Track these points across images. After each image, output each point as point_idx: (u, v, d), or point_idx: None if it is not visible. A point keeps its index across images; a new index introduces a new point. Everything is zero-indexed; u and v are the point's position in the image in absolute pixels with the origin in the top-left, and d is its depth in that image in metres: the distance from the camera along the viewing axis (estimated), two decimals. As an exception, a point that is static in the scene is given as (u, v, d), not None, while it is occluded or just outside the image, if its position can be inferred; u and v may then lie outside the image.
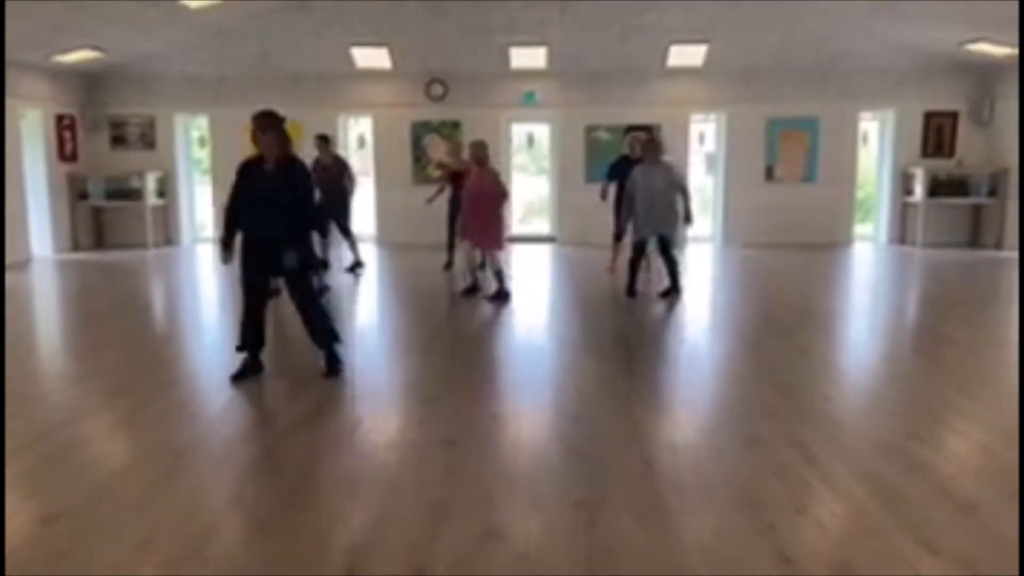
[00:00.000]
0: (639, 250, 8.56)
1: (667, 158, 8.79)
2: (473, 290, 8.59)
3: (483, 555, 3.11)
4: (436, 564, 3.05)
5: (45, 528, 3.34)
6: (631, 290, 8.54)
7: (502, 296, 8.29)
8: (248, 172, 5.40)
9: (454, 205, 9.99)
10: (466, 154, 9.34)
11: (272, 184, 5.29)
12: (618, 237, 9.78)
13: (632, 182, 8.47)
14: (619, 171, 9.70)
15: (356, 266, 10.33)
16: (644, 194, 8.31)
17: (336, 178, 9.94)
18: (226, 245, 5.50)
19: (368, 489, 3.75)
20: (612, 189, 10.02)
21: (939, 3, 9.92)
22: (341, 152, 11.38)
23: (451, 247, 10.34)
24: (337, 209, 9.91)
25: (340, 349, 5.74)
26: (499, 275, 8.42)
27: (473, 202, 8.38)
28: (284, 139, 5.35)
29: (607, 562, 3.06)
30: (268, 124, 5.28)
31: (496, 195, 8.42)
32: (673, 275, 8.56)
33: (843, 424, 4.67)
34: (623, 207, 8.83)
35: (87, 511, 3.51)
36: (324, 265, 8.73)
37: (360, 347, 7.06)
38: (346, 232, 10.14)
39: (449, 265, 10.42)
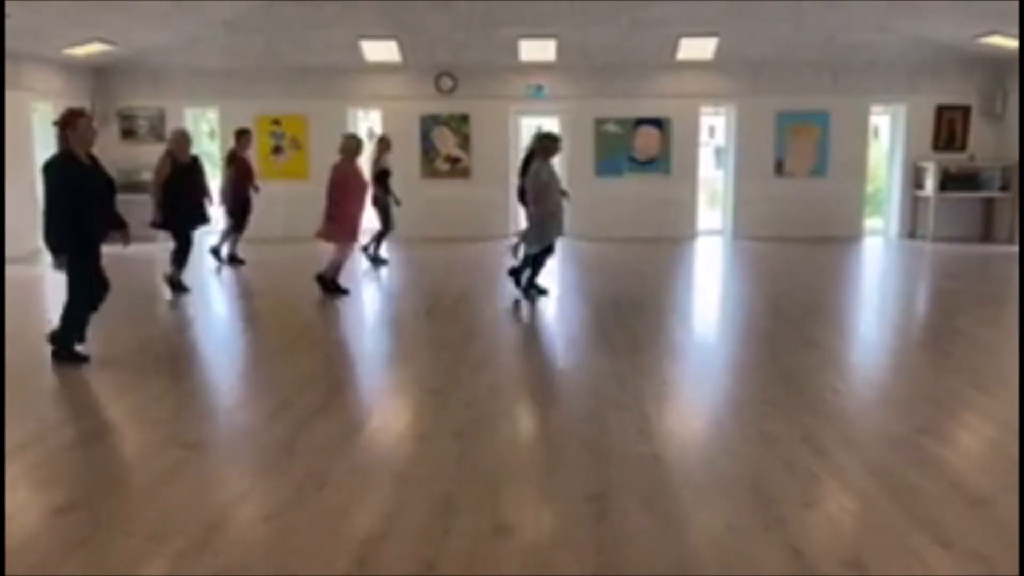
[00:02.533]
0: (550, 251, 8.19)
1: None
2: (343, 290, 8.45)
3: (493, 548, 3.12)
4: (446, 557, 3.06)
5: (59, 519, 3.37)
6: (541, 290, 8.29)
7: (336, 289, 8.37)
8: None
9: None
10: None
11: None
12: None
13: (542, 180, 7.97)
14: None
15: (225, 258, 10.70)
16: (553, 197, 8.00)
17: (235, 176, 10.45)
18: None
19: (378, 481, 3.76)
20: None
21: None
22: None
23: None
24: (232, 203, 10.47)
25: (75, 344, 5.81)
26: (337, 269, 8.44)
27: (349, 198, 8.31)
28: (64, 136, 5.54)
29: (617, 556, 3.06)
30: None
31: (355, 190, 8.32)
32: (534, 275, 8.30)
33: (853, 418, 4.66)
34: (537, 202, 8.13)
35: (100, 502, 3.53)
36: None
37: (371, 340, 7.08)
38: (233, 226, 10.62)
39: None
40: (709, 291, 9.81)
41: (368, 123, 13.95)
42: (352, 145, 8.38)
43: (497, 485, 3.70)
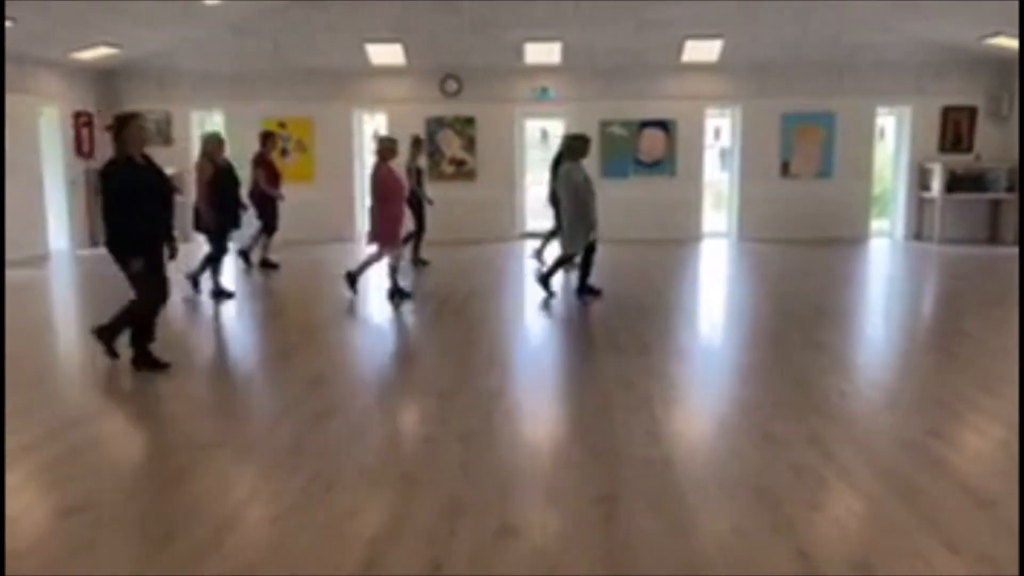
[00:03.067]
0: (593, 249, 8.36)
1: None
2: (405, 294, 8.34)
3: (500, 550, 3.12)
4: (453, 558, 3.06)
5: (66, 520, 3.38)
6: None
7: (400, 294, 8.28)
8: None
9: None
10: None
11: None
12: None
13: (575, 180, 8.18)
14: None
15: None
16: (585, 197, 8.16)
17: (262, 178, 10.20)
18: None
19: (386, 483, 3.77)
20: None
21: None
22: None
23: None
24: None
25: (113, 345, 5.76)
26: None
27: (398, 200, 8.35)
28: (121, 140, 5.47)
29: (625, 558, 3.06)
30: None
31: (394, 192, 8.29)
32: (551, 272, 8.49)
33: (861, 420, 4.65)
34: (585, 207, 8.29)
35: (108, 504, 3.54)
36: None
37: (377, 342, 7.08)
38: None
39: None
40: (715, 293, 9.80)
41: (374, 125, 13.97)
42: (387, 147, 8.39)
43: (504, 487, 3.70)
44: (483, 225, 13.35)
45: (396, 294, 8.23)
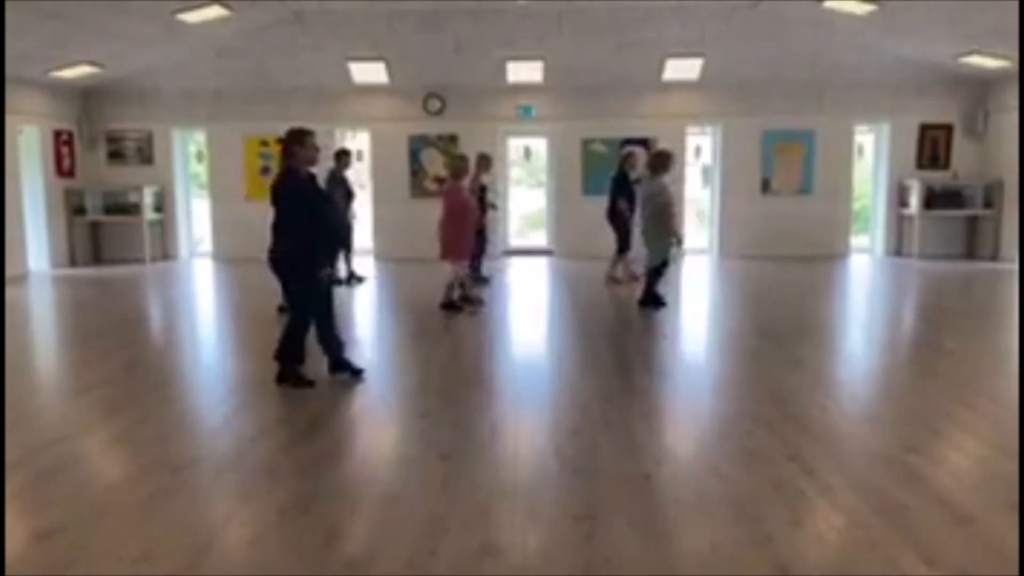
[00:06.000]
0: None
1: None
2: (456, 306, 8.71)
3: (481, 569, 3.11)
4: (434, 578, 3.05)
5: (42, 543, 3.34)
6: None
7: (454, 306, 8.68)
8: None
9: None
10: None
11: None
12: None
13: (666, 194, 8.62)
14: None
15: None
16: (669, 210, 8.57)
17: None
18: None
19: (366, 503, 3.75)
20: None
21: (934, 10, 9.95)
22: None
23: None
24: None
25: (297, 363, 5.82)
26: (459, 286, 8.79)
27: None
28: (293, 153, 5.54)
29: (605, 575, 3.06)
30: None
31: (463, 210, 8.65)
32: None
33: (840, 436, 4.68)
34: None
35: (85, 526, 3.50)
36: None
37: (358, 361, 7.05)
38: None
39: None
40: (696, 309, 9.83)
41: (356, 144, 13.94)
42: (457, 166, 8.76)
43: (484, 506, 3.69)
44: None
45: (449, 305, 8.64)
